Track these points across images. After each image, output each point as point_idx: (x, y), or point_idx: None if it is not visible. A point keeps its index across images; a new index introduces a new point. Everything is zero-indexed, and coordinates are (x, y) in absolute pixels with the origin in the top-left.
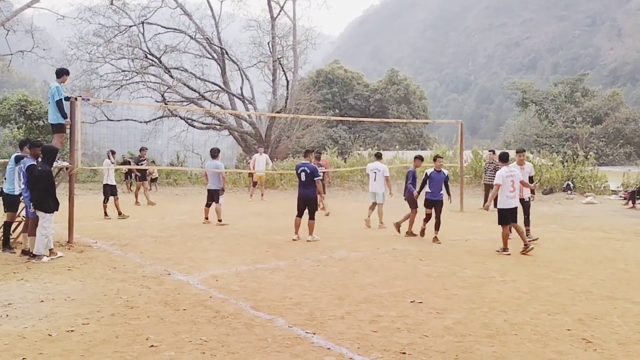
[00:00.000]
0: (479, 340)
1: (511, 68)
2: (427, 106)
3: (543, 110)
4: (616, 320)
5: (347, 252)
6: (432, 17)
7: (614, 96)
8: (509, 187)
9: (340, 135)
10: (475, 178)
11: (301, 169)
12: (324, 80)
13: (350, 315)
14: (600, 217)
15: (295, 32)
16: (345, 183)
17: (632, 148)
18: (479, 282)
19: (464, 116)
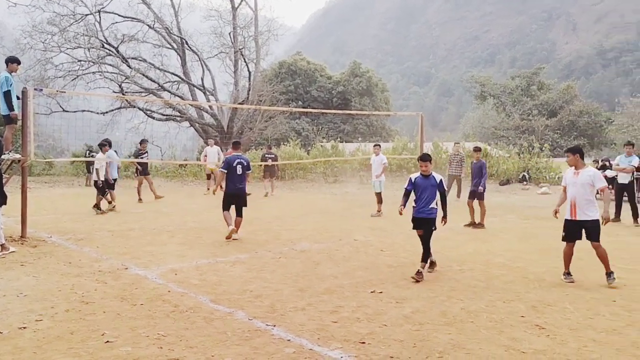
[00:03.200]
0: (437, 328)
1: (471, 61)
2: (389, 99)
3: (501, 103)
4: (568, 307)
5: (309, 243)
6: (394, 10)
7: (569, 89)
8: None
9: (303, 127)
10: (435, 169)
11: (237, 162)
12: (287, 71)
13: (311, 307)
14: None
15: (257, 22)
16: (308, 175)
17: (586, 140)
18: (438, 272)
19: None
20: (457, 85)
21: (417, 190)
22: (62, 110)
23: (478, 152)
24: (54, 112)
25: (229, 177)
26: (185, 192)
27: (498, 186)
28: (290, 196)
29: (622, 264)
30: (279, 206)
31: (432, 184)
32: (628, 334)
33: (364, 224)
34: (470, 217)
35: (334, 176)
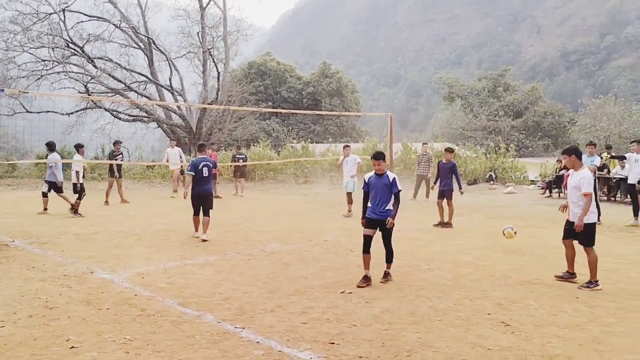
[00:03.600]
0: (405, 327)
1: (439, 63)
2: (359, 99)
3: (468, 104)
4: (533, 304)
5: (279, 245)
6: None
7: (533, 91)
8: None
9: (273, 128)
10: (405, 170)
11: (203, 164)
12: (256, 72)
13: (281, 308)
14: (520, 206)
15: (225, 22)
16: (279, 176)
17: (550, 140)
18: (407, 271)
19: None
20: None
21: (372, 189)
22: (26, 111)
23: (450, 152)
24: (17, 113)
25: (196, 180)
26: (152, 194)
27: (466, 186)
28: (260, 197)
29: (584, 260)
30: (249, 207)
31: (385, 183)
32: (590, 330)
33: (334, 225)
34: (440, 217)
35: (304, 177)
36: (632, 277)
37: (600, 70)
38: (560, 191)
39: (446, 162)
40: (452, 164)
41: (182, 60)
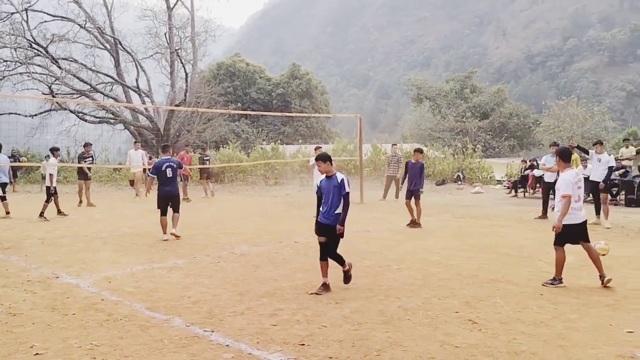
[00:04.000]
0: (375, 327)
1: (407, 64)
2: (329, 101)
3: (436, 105)
4: (499, 301)
5: (248, 247)
6: (333, 14)
7: (499, 92)
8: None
9: (243, 130)
10: (374, 171)
11: (166, 165)
12: (225, 73)
13: (251, 311)
14: (486, 206)
15: (193, 23)
16: (249, 178)
17: (515, 141)
18: (377, 271)
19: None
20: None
21: (324, 193)
22: None
23: (419, 153)
24: None
25: (160, 181)
26: (119, 197)
27: (434, 186)
28: (230, 199)
29: (548, 258)
30: (218, 209)
31: (335, 185)
32: (554, 326)
33: (304, 226)
34: (411, 216)
35: (274, 178)
36: (595, 273)
37: (563, 73)
38: (526, 191)
39: (415, 162)
40: (420, 164)
41: (149, 61)
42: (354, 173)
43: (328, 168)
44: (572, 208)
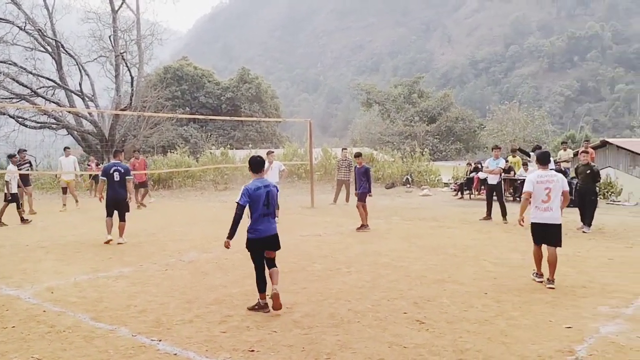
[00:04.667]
0: (325, 331)
1: (357, 69)
2: (279, 105)
3: (385, 110)
4: (445, 301)
5: (197, 253)
6: (282, 18)
7: (445, 97)
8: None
9: (191, 134)
10: (325, 175)
11: (114, 169)
12: (173, 77)
13: (199, 318)
14: (434, 208)
15: (139, 26)
16: (197, 183)
17: (462, 144)
18: (327, 275)
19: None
20: (344, 93)
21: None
22: None
23: (358, 157)
24: None
25: (109, 185)
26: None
27: (384, 189)
28: (178, 205)
29: (492, 258)
30: (166, 216)
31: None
32: (497, 324)
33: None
34: (362, 220)
35: (224, 183)
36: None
37: (505, 78)
38: (471, 193)
39: (360, 166)
40: (365, 168)
41: (93, 65)
42: (305, 177)
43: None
44: (537, 207)
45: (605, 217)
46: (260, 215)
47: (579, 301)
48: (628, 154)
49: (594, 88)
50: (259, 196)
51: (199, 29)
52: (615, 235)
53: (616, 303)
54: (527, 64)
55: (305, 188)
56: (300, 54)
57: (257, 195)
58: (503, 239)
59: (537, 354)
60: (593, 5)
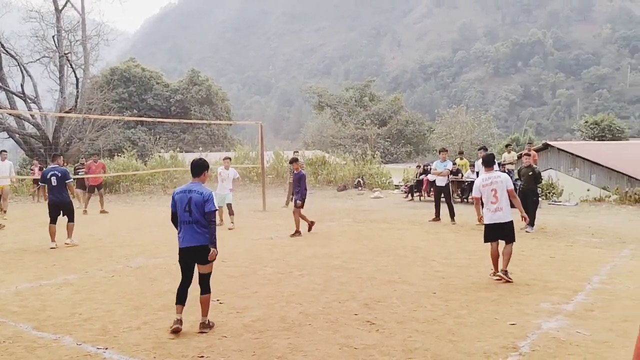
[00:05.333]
0: (276, 335)
1: (308, 73)
2: (230, 108)
3: (337, 113)
4: (395, 302)
5: (145, 259)
6: (232, 20)
7: (396, 101)
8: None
9: (139, 137)
10: (277, 178)
11: (51, 174)
12: (120, 78)
13: (147, 325)
14: (385, 210)
15: (84, 26)
16: (146, 187)
17: (412, 147)
18: (279, 278)
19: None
20: (297, 96)
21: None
22: None
23: (294, 163)
24: None
25: (49, 189)
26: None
27: (336, 192)
28: (125, 210)
29: (440, 258)
30: (113, 221)
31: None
32: (445, 322)
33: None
34: (307, 222)
35: (173, 187)
36: (482, 271)
37: (453, 83)
38: (421, 194)
39: (296, 172)
40: (300, 174)
41: (36, 65)
42: (257, 180)
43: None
44: (488, 209)
45: (547, 217)
46: (182, 222)
47: (523, 298)
48: (568, 156)
49: (537, 93)
50: (180, 201)
51: (147, 30)
52: (557, 235)
53: (557, 300)
54: (474, 68)
55: (257, 191)
56: (252, 56)
57: (178, 199)
58: (451, 239)
59: (483, 351)
60: (535, 12)
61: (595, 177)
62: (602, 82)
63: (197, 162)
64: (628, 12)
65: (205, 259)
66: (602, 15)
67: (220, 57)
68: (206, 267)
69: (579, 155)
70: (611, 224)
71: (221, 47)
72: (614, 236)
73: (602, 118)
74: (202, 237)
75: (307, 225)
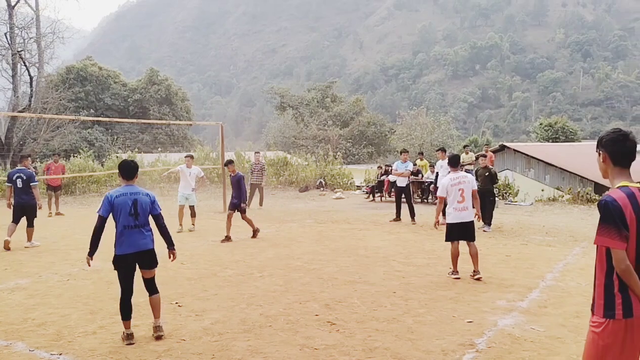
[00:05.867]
0: (236, 337)
1: (270, 73)
2: (190, 108)
3: (299, 114)
4: (356, 302)
5: (101, 262)
6: (192, 19)
7: (358, 102)
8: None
9: (96, 137)
10: None
11: (17, 176)
12: (76, 77)
13: (104, 330)
14: (347, 211)
15: (38, 23)
16: (103, 189)
17: (373, 148)
18: (239, 280)
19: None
20: (258, 96)
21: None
22: None
23: (229, 165)
24: None
25: (14, 191)
26: None
27: (298, 193)
28: (81, 212)
29: (400, 258)
30: (68, 224)
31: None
32: (405, 321)
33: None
34: (226, 230)
35: None
36: (441, 270)
37: (414, 85)
38: (382, 195)
39: (232, 174)
40: (238, 176)
41: None
42: (217, 181)
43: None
44: (454, 208)
45: (503, 217)
46: (126, 227)
47: (480, 296)
48: (524, 157)
49: (494, 95)
50: (123, 204)
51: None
52: (513, 233)
53: (513, 297)
54: (434, 71)
55: (217, 192)
56: (213, 55)
57: (119, 203)
58: (411, 239)
59: (441, 349)
60: (493, 17)
61: (549, 177)
62: (556, 85)
63: (129, 163)
64: (580, 18)
65: (152, 264)
66: (555, 20)
67: (180, 57)
68: (152, 272)
69: (534, 156)
70: (564, 223)
71: (181, 46)
72: (566, 234)
73: (555, 120)
74: (149, 241)
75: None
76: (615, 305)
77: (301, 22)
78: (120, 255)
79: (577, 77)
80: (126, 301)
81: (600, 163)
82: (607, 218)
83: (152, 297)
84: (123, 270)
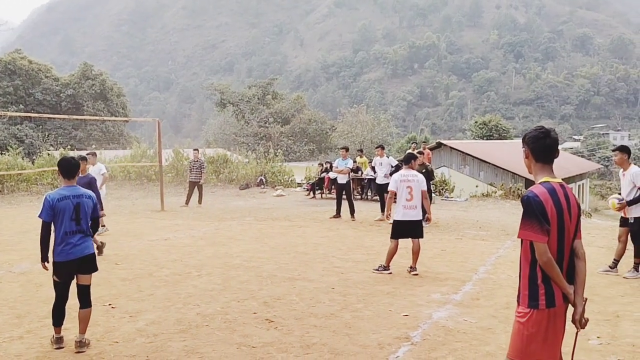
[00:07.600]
0: (171, 337)
1: (210, 69)
2: (126, 103)
3: (240, 111)
4: (295, 299)
5: (30, 264)
6: (128, 12)
7: (299, 99)
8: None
9: (26, 134)
10: (177, 177)
11: None
12: (4, 71)
13: (31, 334)
14: (287, 208)
15: None
16: (33, 187)
17: (314, 145)
18: (176, 280)
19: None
20: (198, 92)
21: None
22: None
23: (82, 161)
24: None
25: None
26: None
27: (238, 190)
28: (9, 212)
29: (340, 254)
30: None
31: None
32: (342, 316)
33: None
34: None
35: None
36: (379, 265)
37: (355, 82)
38: (323, 192)
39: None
40: (88, 177)
41: None
42: (155, 179)
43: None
44: (403, 206)
45: (440, 212)
46: (67, 232)
47: (415, 290)
48: (459, 154)
49: (432, 94)
50: (64, 208)
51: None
52: (448, 228)
53: (447, 290)
54: (374, 69)
55: (155, 190)
56: (150, 50)
57: (61, 207)
58: (350, 235)
59: (377, 342)
60: (430, 17)
61: (483, 174)
62: (490, 85)
63: (69, 160)
64: (513, 20)
65: (92, 268)
66: (490, 22)
67: (116, 51)
68: (89, 278)
69: (469, 153)
70: (496, 218)
71: (117, 40)
72: (498, 229)
73: (490, 119)
74: (90, 245)
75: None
76: (539, 296)
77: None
78: (61, 262)
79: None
80: (60, 307)
81: (525, 159)
82: (529, 213)
83: (84, 310)
84: (64, 277)
